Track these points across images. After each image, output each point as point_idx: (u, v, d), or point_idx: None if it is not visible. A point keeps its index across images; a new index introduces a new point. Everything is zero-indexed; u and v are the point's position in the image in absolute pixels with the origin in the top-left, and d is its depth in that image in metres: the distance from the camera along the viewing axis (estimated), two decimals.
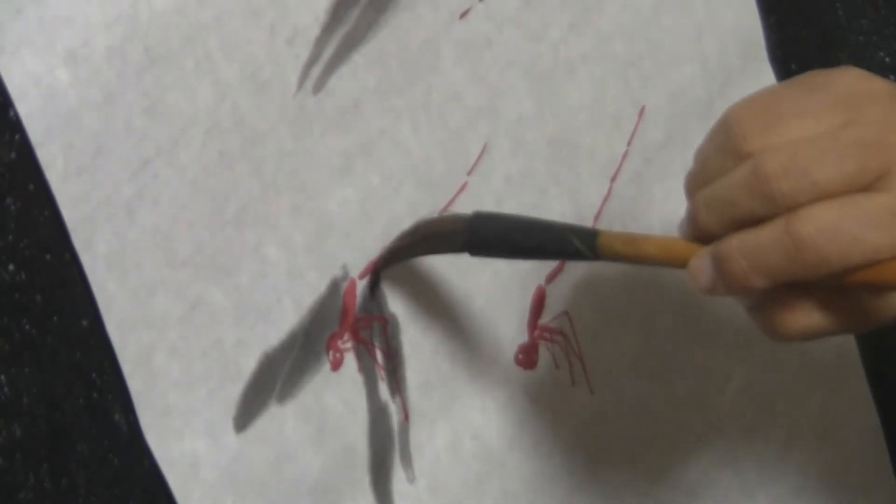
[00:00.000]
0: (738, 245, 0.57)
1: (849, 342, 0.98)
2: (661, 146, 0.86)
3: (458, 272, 0.76)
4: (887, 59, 0.97)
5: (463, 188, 0.76)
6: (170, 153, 0.64)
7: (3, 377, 0.59)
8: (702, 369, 0.89)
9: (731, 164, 0.58)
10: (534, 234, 0.68)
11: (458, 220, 0.70)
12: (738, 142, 0.58)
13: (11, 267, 0.60)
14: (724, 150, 0.59)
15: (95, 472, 0.62)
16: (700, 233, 0.60)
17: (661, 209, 0.87)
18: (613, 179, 0.84)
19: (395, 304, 0.73)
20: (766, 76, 0.93)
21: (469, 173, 0.76)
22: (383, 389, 0.73)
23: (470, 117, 0.76)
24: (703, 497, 0.90)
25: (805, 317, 0.59)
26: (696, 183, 0.60)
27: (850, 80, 0.58)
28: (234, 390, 0.67)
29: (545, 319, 0.81)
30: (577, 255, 0.66)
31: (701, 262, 0.59)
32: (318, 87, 0.69)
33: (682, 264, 0.62)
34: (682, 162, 0.88)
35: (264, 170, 0.67)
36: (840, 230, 0.55)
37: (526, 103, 0.79)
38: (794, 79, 0.60)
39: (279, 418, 0.68)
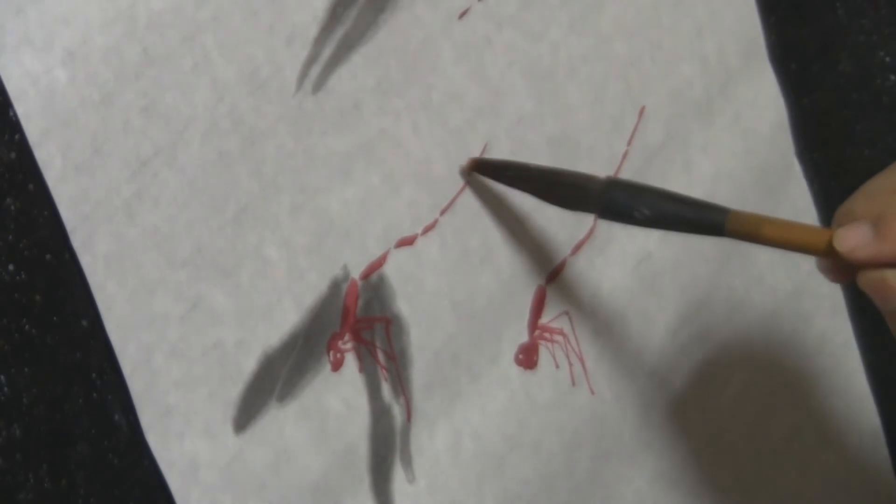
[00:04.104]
0: None
1: (849, 342, 0.98)
2: (661, 146, 0.86)
3: (461, 272, 0.76)
4: (887, 59, 0.97)
5: (463, 188, 0.76)
6: (169, 153, 0.64)
7: (3, 377, 0.59)
8: (702, 369, 0.89)
9: None
10: (667, 205, 0.69)
11: (592, 180, 0.72)
12: None
13: (11, 267, 0.60)
14: None
15: (95, 472, 0.62)
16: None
17: None
18: None
19: (398, 304, 0.73)
20: (766, 76, 0.93)
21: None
22: (385, 390, 0.73)
23: (470, 117, 0.76)
24: (703, 497, 0.90)
25: None
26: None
27: None
28: (234, 391, 0.67)
29: (545, 319, 0.81)
30: (706, 230, 0.68)
31: (856, 225, 0.64)
32: (318, 86, 0.69)
33: (809, 248, 0.65)
34: (682, 162, 0.88)
35: (264, 170, 0.67)
36: None
37: (526, 103, 0.79)
38: None
39: (279, 419, 0.68)
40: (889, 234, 0.63)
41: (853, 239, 0.64)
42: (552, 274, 0.81)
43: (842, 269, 0.65)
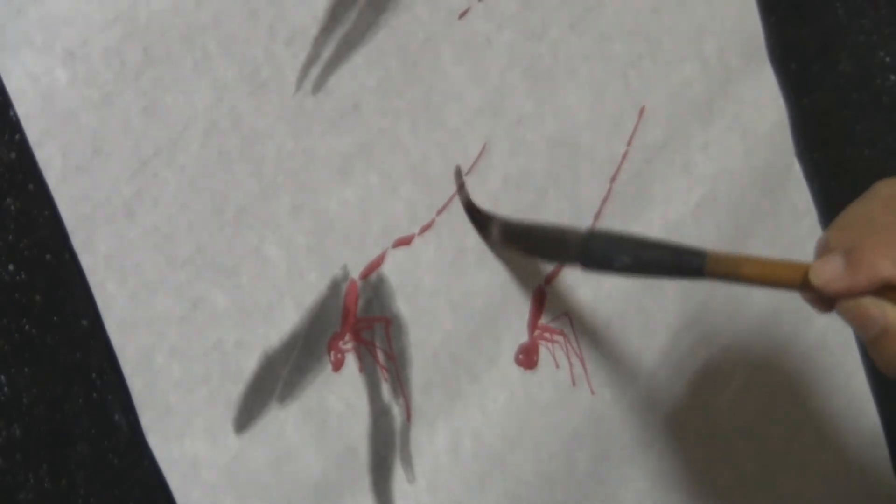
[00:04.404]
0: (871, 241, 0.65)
1: (849, 342, 0.98)
2: (660, 146, 0.86)
3: (458, 272, 0.76)
4: (887, 59, 0.97)
5: (461, 188, 0.76)
6: (169, 153, 0.64)
7: (3, 377, 0.59)
8: (702, 369, 0.89)
9: None
10: (646, 253, 0.70)
11: (573, 232, 0.73)
12: None
13: (11, 267, 0.60)
14: None
15: (95, 472, 0.62)
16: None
17: (661, 209, 0.87)
18: (613, 179, 0.84)
19: (397, 304, 0.73)
20: (766, 76, 0.93)
21: (467, 173, 0.76)
22: (385, 390, 0.73)
23: (469, 117, 0.76)
24: (703, 497, 0.90)
25: None
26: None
27: None
28: (235, 391, 0.67)
29: (545, 320, 0.81)
30: (685, 275, 0.69)
31: (829, 258, 0.65)
32: (318, 87, 0.69)
33: (787, 283, 0.67)
34: (682, 162, 0.88)
35: (264, 170, 0.67)
36: None
37: (526, 103, 0.79)
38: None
39: (280, 419, 0.68)
40: (860, 265, 0.64)
41: (827, 272, 0.65)
42: (551, 274, 0.81)
43: (825, 299, 0.66)
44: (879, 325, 0.64)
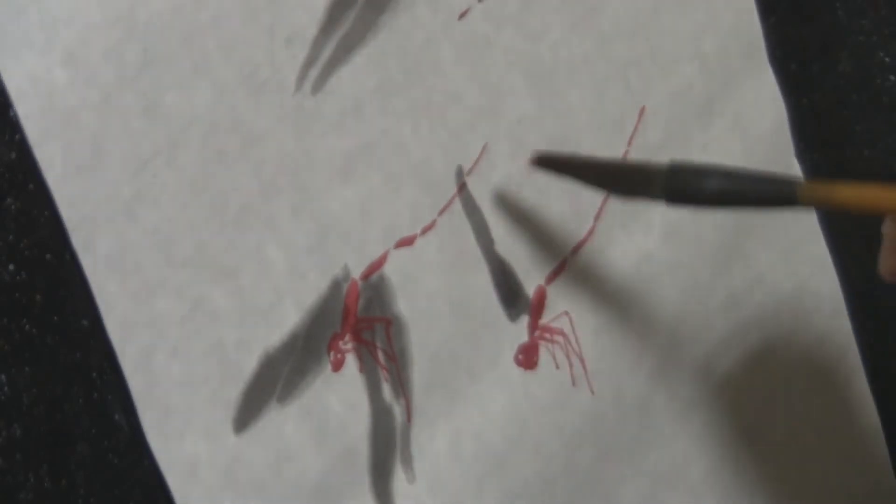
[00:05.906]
0: None
1: (849, 342, 0.98)
2: (660, 146, 0.86)
3: (459, 273, 0.76)
4: (887, 59, 0.97)
5: (461, 189, 0.76)
6: (169, 153, 0.64)
7: (3, 377, 0.59)
8: (702, 369, 0.89)
9: None
10: (732, 183, 0.68)
11: (655, 166, 0.71)
12: None
13: (11, 267, 0.60)
14: None
15: (95, 472, 0.62)
16: None
17: (661, 209, 0.86)
18: None
19: (398, 305, 0.73)
20: (765, 76, 0.93)
21: (468, 174, 0.76)
22: (386, 390, 0.73)
23: (470, 118, 0.76)
24: (703, 497, 0.90)
25: None
26: None
27: None
28: (235, 391, 0.67)
29: (545, 319, 0.81)
30: (776, 203, 0.68)
31: None
32: (318, 87, 0.69)
33: (878, 209, 0.66)
34: None
35: (264, 170, 0.67)
36: None
37: (526, 104, 0.79)
38: None
39: (280, 419, 0.68)
40: None
41: None
42: (552, 274, 0.81)
43: None
44: None
